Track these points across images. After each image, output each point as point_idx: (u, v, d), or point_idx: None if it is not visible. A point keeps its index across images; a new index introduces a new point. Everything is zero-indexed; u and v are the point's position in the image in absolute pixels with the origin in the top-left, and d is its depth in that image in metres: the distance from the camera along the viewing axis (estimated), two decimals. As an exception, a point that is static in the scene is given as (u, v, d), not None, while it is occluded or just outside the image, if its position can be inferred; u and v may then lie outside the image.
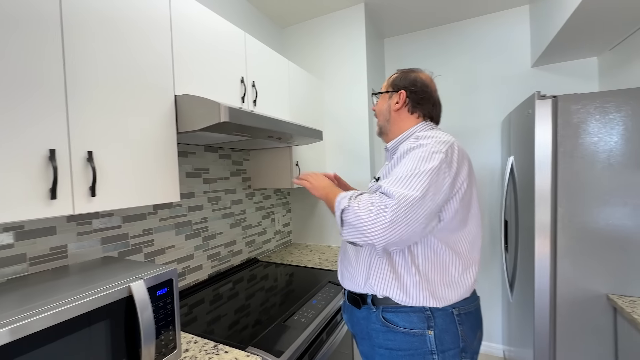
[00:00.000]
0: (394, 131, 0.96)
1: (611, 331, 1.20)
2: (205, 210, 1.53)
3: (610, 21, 1.47)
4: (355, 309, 0.92)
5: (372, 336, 0.87)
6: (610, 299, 1.19)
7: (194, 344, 0.96)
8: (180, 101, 1.00)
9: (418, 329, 0.81)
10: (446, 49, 2.34)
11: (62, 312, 0.60)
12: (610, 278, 1.21)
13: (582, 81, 2.00)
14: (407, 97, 0.94)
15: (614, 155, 1.19)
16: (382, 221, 0.70)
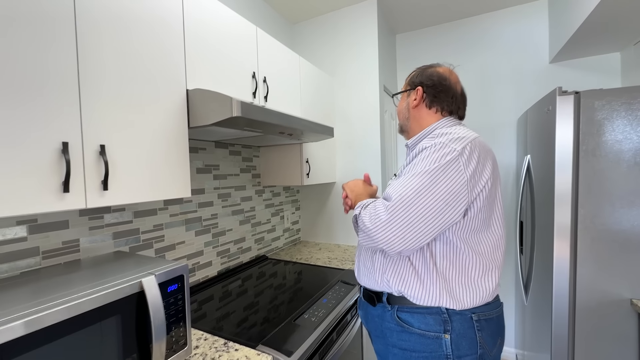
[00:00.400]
0: (414, 128, 0.94)
1: (635, 337, 1.15)
2: (215, 206, 1.52)
3: (633, 15, 1.41)
4: (370, 306, 0.91)
5: (387, 335, 0.85)
6: (634, 304, 1.14)
7: (204, 341, 0.95)
8: (192, 95, 0.99)
9: (434, 331, 0.78)
10: (460, 45, 2.28)
11: (74, 306, 0.60)
12: (635, 282, 1.16)
13: (603, 77, 1.93)
14: (424, 92, 0.91)
15: (636, 152, 1.14)
16: (379, 222, 0.74)
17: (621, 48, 1.83)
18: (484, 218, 0.78)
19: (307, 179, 1.73)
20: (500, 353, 0.84)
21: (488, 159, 0.78)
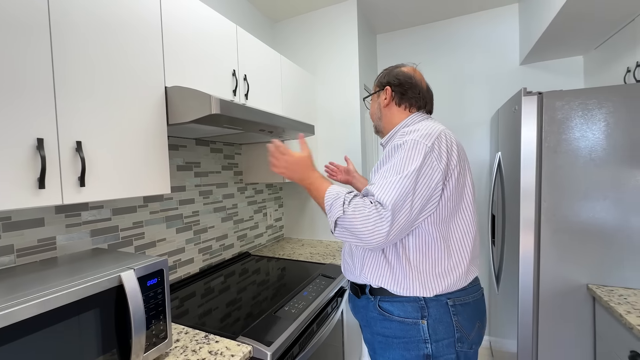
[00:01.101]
0: (386, 127, 0.99)
1: (590, 319, 1.25)
2: (196, 203, 1.53)
3: (595, 21, 1.51)
4: (356, 298, 0.96)
5: (371, 324, 0.90)
6: (589, 289, 1.23)
7: (185, 335, 0.97)
8: (171, 93, 1.00)
9: (412, 317, 0.83)
10: (437, 46, 2.36)
11: (49, 300, 0.61)
12: (590, 269, 1.26)
13: (569, 79, 2.05)
14: (392, 91, 0.96)
15: (595, 150, 1.23)
16: (380, 231, 0.73)
17: (584, 52, 1.95)
18: (453, 205, 0.82)
19: (289, 176, 1.75)
20: (482, 337, 0.87)
21: (453, 148, 0.82)
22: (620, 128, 1.20)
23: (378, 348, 0.90)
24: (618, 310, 1.03)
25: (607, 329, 1.15)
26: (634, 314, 1.00)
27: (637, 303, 1.08)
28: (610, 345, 1.12)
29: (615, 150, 1.21)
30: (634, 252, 1.20)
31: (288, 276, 1.51)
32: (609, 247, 1.23)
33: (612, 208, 1.22)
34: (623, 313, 1.01)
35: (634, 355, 0.96)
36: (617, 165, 1.21)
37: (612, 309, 1.06)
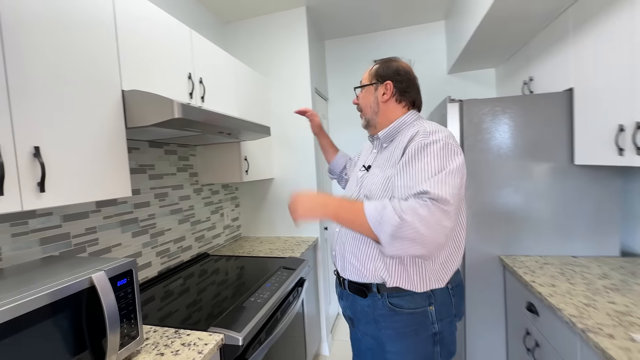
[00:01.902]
0: (382, 122, 0.96)
1: (502, 282, 1.56)
2: (152, 206, 1.51)
3: (501, 41, 1.85)
4: (359, 297, 0.93)
5: (379, 321, 0.90)
6: (500, 259, 1.54)
7: (154, 333, 0.99)
8: (129, 96, 1.00)
9: (422, 307, 0.87)
10: (379, 54, 2.59)
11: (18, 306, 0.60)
12: (501, 243, 1.56)
13: (485, 87, 2.44)
14: (394, 87, 0.94)
15: (501, 148, 1.53)
16: (444, 229, 0.69)
17: (495, 65, 2.34)
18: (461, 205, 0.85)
19: (246, 176, 1.81)
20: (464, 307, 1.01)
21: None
22: (519, 130, 1.52)
23: (387, 341, 0.90)
24: (519, 273, 1.32)
25: (512, 287, 1.46)
26: (529, 274, 1.30)
27: (531, 266, 1.38)
28: (515, 299, 1.43)
29: (517, 147, 1.52)
30: (530, 228, 1.53)
31: (251, 271, 1.57)
32: (514, 225, 1.55)
33: (515, 194, 1.54)
34: (522, 274, 1.30)
35: (529, 305, 1.25)
36: (518, 159, 1.53)
37: (515, 272, 1.35)
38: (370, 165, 0.99)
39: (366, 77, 1.01)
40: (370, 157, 1.01)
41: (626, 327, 0.87)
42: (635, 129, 1.03)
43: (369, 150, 1.08)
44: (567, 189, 1.48)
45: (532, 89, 1.79)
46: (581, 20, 1.32)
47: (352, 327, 1.04)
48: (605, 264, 1.36)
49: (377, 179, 0.90)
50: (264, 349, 1.14)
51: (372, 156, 1.01)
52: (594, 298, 1.05)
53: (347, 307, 1.01)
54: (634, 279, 1.19)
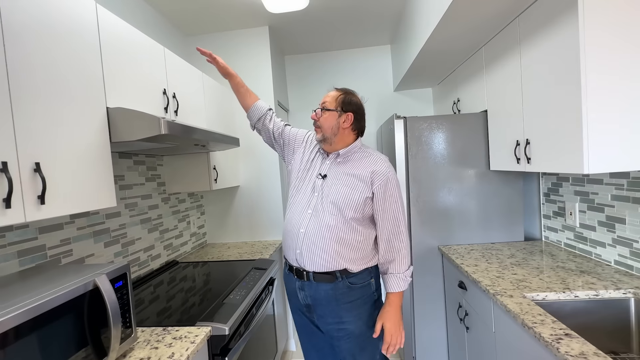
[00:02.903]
0: (338, 143, 1.20)
1: (440, 267, 1.89)
2: (123, 216, 1.53)
3: (436, 67, 2.22)
4: (323, 284, 1.15)
5: (339, 298, 1.15)
6: (439, 249, 1.86)
7: (142, 332, 1.07)
8: (113, 113, 1.08)
9: (367, 280, 1.19)
10: (334, 71, 2.87)
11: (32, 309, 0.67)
12: (440, 236, 1.89)
13: (425, 104, 2.84)
14: (354, 119, 1.19)
15: (437, 156, 1.87)
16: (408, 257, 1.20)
17: (432, 85, 2.75)
18: None
19: (215, 184, 1.90)
20: None
21: None
22: (450, 142, 1.86)
23: (345, 313, 1.15)
24: (452, 258, 1.64)
25: (448, 271, 1.78)
26: (460, 258, 1.62)
27: (461, 252, 1.71)
28: (450, 280, 1.75)
29: (449, 156, 1.87)
30: (461, 222, 1.87)
31: (225, 273, 1.67)
32: (449, 220, 1.88)
33: (449, 195, 1.87)
34: (454, 259, 1.62)
35: (460, 283, 1.56)
36: (451, 166, 1.87)
37: (450, 258, 1.66)
38: (326, 175, 1.20)
39: (331, 101, 1.20)
40: (324, 167, 1.22)
41: (521, 289, 1.19)
42: (525, 144, 1.40)
43: (318, 158, 1.26)
44: (486, 190, 1.86)
45: (459, 108, 2.18)
46: (490, 58, 1.70)
47: (308, 313, 1.24)
48: (513, 247, 1.74)
49: (344, 192, 1.15)
50: (244, 340, 1.26)
51: (325, 166, 1.22)
52: (502, 272, 1.38)
53: (307, 295, 1.19)
54: (532, 256, 1.57)
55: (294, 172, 1.30)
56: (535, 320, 0.96)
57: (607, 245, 1.38)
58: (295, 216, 1.20)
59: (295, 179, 1.27)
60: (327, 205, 1.15)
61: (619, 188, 1.30)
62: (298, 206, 1.21)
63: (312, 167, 1.25)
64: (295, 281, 1.21)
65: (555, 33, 1.17)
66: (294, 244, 1.19)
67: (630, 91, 1.04)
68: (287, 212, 1.27)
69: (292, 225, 1.20)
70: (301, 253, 1.17)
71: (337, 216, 1.14)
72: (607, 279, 1.22)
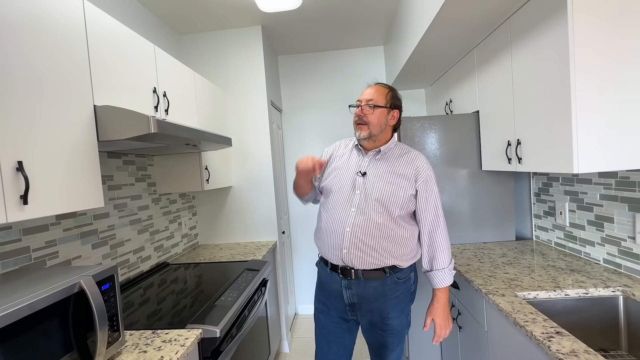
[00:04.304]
0: (382, 140, 1.21)
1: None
2: (111, 217, 1.50)
3: (428, 68, 2.23)
4: (372, 280, 1.16)
5: (387, 294, 1.17)
6: (432, 249, 1.86)
7: (130, 336, 1.04)
8: (101, 111, 1.05)
9: (408, 275, 1.22)
10: (328, 71, 2.87)
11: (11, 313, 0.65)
12: (432, 235, 1.89)
13: (418, 104, 2.86)
14: (399, 117, 1.23)
15: (430, 157, 1.87)
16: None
17: (425, 86, 2.77)
18: None
19: (207, 185, 1.88)
20: None
21: None
22: (443, 142, 1.87)
23: (391, 309, 1.18)
24: (445, 258, 1.64)
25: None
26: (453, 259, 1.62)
27: (454, 252, 1.72)
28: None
29: (442, 156, 1.88)
30: (455, 222, 1.88)
31: (217, 274, 1.65)
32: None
33: (443, 194, 1.88)
34: (447, 258, 1.62)
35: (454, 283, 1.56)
36: (444, 166, 1.88)
37: (443, 257, 1.67)
38: (365, 172, 1.19)
39: (380, 98, 1.18)
40: (363, 165, 1.21)
41: (513, 288, 1.20)
42: (516, 144, 1.41)
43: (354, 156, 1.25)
44: (478, 190, 1.87)
45: (452, 108, 2.19)
46: (482, 59, 1.72)
47: (350, 312, 1.23)
48: (505, 246, 1.76)
49: (389, 189, 1.16)
50: (235, 343, 1.24)
51: (364, 164, 1.21)
52: (494, 271, 1.39)
53: (354, 294, 1.19)
54: (523, 255, 1.58)
55: (328, 175, 1.28)
56: (526, 319, 0.97)
57: (596, 244, 1.40)
58: (337, 215, 1.18)
59: (331, 179, 1.24)
60: (372, 203, 1.15)
61: (607, 187, 1.32)
62: (338, 205, 1.19)
63: (348, 165, 1.23)
64: (341, 280, 1.19)
65: (545, 35, 1.18)
66: (339, 243, 1.17)
67: (617, 94, 1.05)
68: (323, 211, 1.25)
69: (335, 224, 1.18)
70: (348, 252, 1.15)
71: (383, 214, 1.14)
72: (597, 278, 1.24)
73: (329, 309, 1.27)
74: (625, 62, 1.04)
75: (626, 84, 1.05)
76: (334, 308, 1.26)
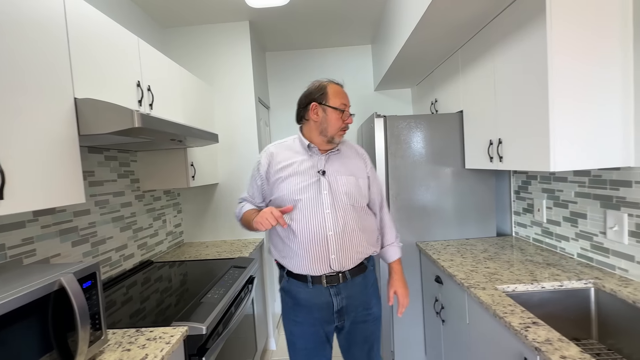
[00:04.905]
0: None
1: (418, 263, 1.94)
2: (92, 214, 1.46)
3: (414, 68, 2.27)
4: (357, 277, 1.15)
5: (367, 285, 1.21)
6: (417, 245, 1.91)
7: (113, 335, 1.02)
8: (82, 105, 1.02)
9: (374, 260, 1.28)
10: (316, 69, 2.87)
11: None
12: (417, 232, 1.94)
13: (404, 104, 2.90)
14: None
15: (416, 155, 1.91)
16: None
17: (411, 86, 2.82)
18: None
19: (193, 181, 1.85)
20: None
21: None
22: (428, 141, 1.91)
23: (372, 298, 1.22)
24: (429, 253, 1.69)
25: (425, 266, 1.83)
26: (436, 254, 1.66)
27: (438, 248, 1.77)
28: (427, 275, 1.80)
29: (427, 155, 1.92)
30: (438, 219, 1.93)
31: (203, 272, 1.63)
32: (427, 218, 1.93)
33: (427, 192, 1.92)
34: (431, 254, 1.66)
35: (437, 278, 1.61)
36: (429, 164, 1.92)
37: (427, 254, 1.71)
38: (324, 170, 1.14)
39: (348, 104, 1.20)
40: (320, 164, 1.15)
41: (493, 282, 1.24)
42: (498, 143, 1.46)
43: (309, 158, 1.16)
44: (462, 188, 1.92)
45: (437, 108, 2.24)
46: (466, 61, 1.76)
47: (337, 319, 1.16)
48: (486, 242, 1.82)
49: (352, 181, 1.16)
50: (222, 340, 1.24)
51: (321, 162, 1.15)
52: (476, 266, 1.44)
53: (344, 297, 1.14)
54: (503, 251, 1.64)
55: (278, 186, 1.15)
56: (505, 311, 1.01)
57: (571, 239, 1.47)
58: (312, 222, 1.09)
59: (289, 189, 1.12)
60: (341, 199, 1.12)
61: (581, 185, 1.39)
62: (310, 211, 1.09)
63: (303, 169, 1.14)
64: (328, 289, 1.12)
65: (525, 38, 1.23)
66: (324, 250, 1.09)
67: (591, 97, 1.11)
68: (292, 224, 1.10)
69: (314, 233, 1.09)
70: (337, 256, 1.10)
71: (354, 206, 1.15)
72: (570, 271, 1.30)
73: (310, 326, 1.16)
74: (599, 67, 1.10)
75: (599, 88, 1.11)
76: (317, 324, 1.15)
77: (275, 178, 1.16)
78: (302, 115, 1.20)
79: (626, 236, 1.18)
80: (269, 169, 1.18)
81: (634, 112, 1.10)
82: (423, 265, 1.89)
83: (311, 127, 1.17)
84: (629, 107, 1.11)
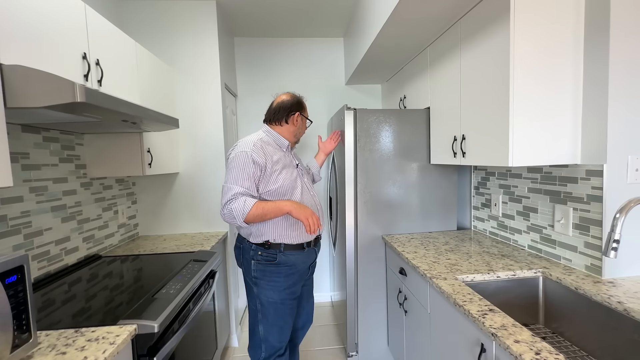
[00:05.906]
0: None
1: (383, 255, 1.97)
2: (26, 202, 1.28)
3: (384, 64, 2.29)
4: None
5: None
6: (383, 238, 1.93)
7: (46, 337, 0.90)
8: (10, 72, 0.87)
9: None
10: (286, 58, 2.79)
11: None
12: (383, 225, 1.96)
13: (374, 100, 2.93)
14: None
15: (384, 149, 1.93)
16: None
17: (381, 82, 2.84)
18: None
19: (149, 169, 1.71)
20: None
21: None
22: (396, 136, 1.94)
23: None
24: (394, 246, 1.71)
25: (390, 258, 1.86)
26: (401, 246, 1.70)
27: (403, 241, 1.80)
28: (392, 267, 1.83)
29: (395, 149, 1.94)
30: (403, 212, 1.97)
31: (158, 266, 1.51)
32: (393, 211, 1.96)
33: (394, 186, 1.95)
34: (396, 247, 1.69)
35: (401, 269, 1.64)
36: (396, 159, 1.95)
37: (393, 246, 1.74)
38: (298, 163, 1.50)
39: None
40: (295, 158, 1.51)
41: (454, 272, 1.28)
42: (462, 139, 1.51)
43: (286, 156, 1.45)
44: (427, 182, 1.98)
45: (405, 104, 2.28)
46: (434, 58, 1.80)
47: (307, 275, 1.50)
48: (448, 235, 1.89)
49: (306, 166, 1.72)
50: (177, 338, 1.15)
51: (294, 158, 1.51)
52: (438, 257, 1.48)
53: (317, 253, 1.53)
54: (463, 243, 1.71)
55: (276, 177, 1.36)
56: (465, 299, 1.04)
57: (523, 232, 1.57)
58: (310, 202, 1.44)
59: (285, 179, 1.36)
60: (309, 181, 1.53)
61: (534, 181, 1.48)
62: (305, 194, 1.43)
63: (289, 163, 1.42)
64: (314, 249, 1.48)
65: (489, 38, 1.27)
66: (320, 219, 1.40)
67: (546, 98, 1.17)
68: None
69: (313, 209, 1.43)
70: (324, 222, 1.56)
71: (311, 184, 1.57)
72: (522, 261, 1.38)
73: (296, 284, 1.43)
74: (555, 70, 1.17)
75: (553, 90, 1.17)
76: (300, 281, 1.45)
77: (273, 170, 1.34)
78: (283, 118, 1.46)
79: (571, 228, 1.28)
80: (266, 161, 1.33)
81: (582, 113, 1.19)
82: (388, 258, 1.92)
83: (289, 130, 1.48)
84: (577, 108, 1.19)
